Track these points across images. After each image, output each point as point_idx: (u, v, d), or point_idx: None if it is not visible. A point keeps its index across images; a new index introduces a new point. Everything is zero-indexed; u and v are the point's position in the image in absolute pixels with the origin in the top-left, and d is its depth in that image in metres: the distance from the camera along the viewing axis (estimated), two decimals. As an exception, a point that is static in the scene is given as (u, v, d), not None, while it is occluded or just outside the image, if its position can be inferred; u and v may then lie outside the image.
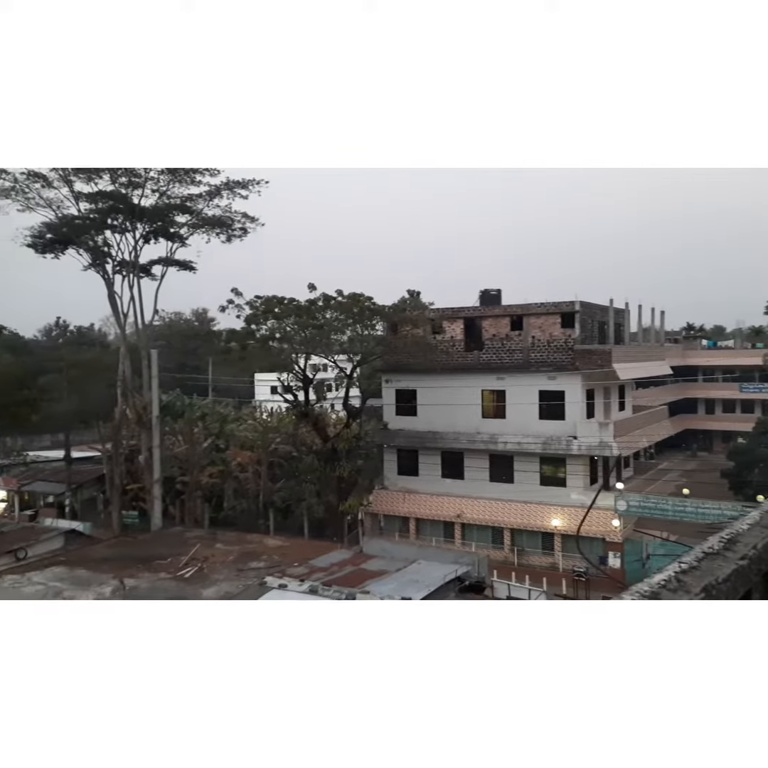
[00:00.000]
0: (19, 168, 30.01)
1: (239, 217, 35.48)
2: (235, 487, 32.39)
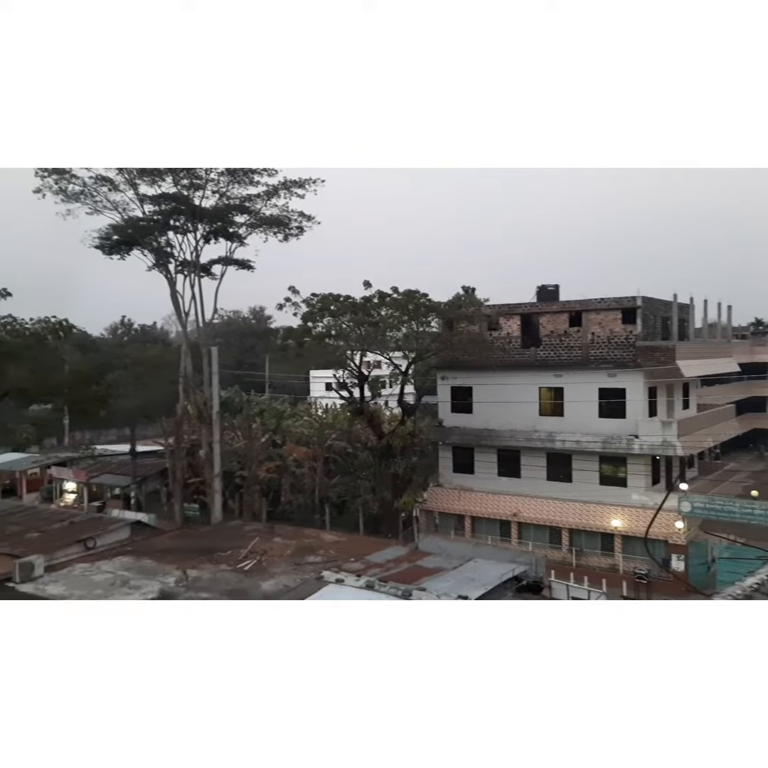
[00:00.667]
0: (82, 170, 31.22)
1: (296, 215, 35.99)
2: (291, 482, 32.91)
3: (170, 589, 16.76)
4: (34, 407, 39.38)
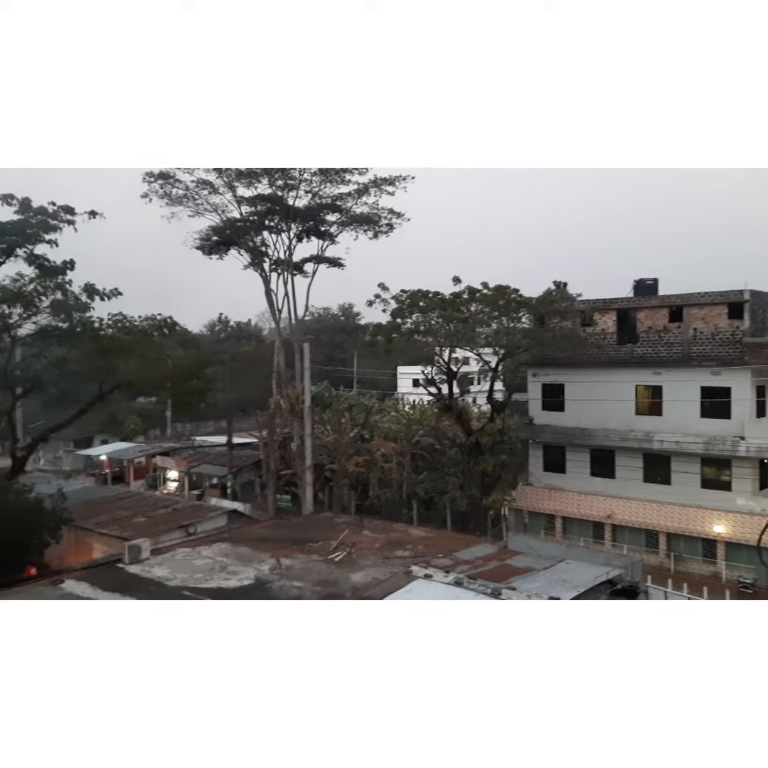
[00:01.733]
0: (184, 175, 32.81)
1: (386, 213, 36.38)
2: (379, 477, 33.30)
3: (265, 577, 17.39)
4: (141, 400, 41.86)
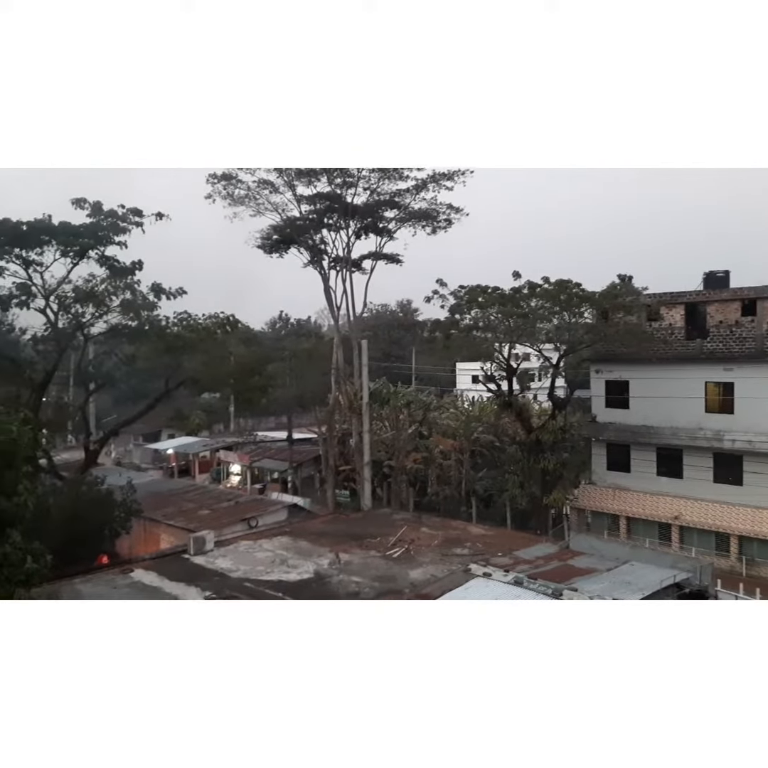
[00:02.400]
0: (250, 177, 33.46)
1: (444, 208, 36.15)
2: (438, 474, 33.19)
3: (324, 571, 17.60)
4: (205, 396, 43.11)
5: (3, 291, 22.35)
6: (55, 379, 25.48)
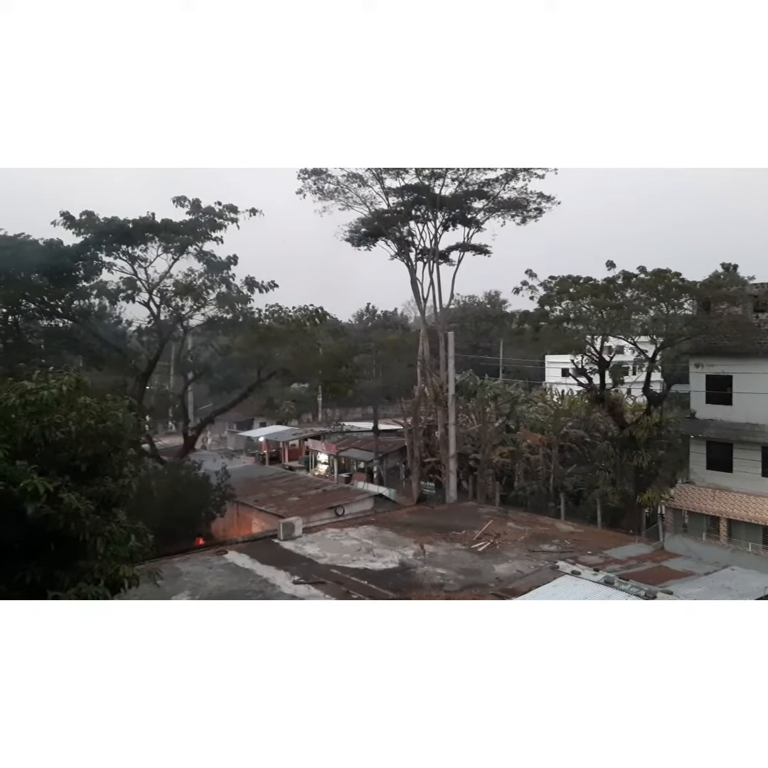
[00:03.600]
0: (339, 171, 33.94)
1: (534, 197, 35.26)
2: (525, 468, 32.60)
3: (409, 561, 17.75)
4: (295, 386, 44.29)
5: (111, 285, 23.83)
6: (156, 369, 26.96)
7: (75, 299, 24.10)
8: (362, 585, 15.58)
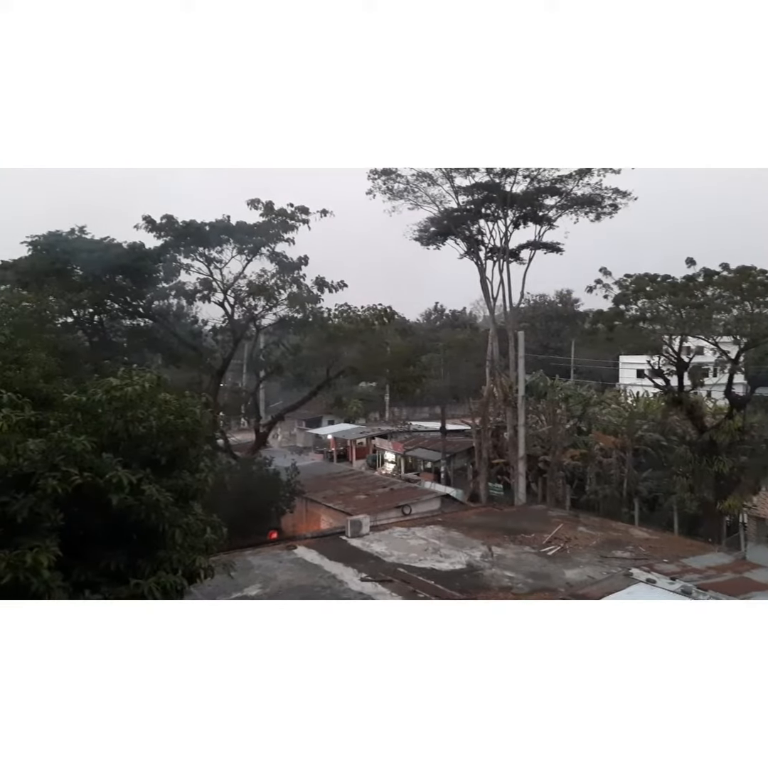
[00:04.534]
0: (410, 171, 33.98)
1: (610, 193, 34.24)
2: (597, 472, 31.71)
3: (476, 563, 17.59)
4: (362, 385, 44.65)
5: (189, 286, 24.74)
6: (230, 367, 27.79)
7: (155, 299, 25.17)
8: (429, 585, 15.55)
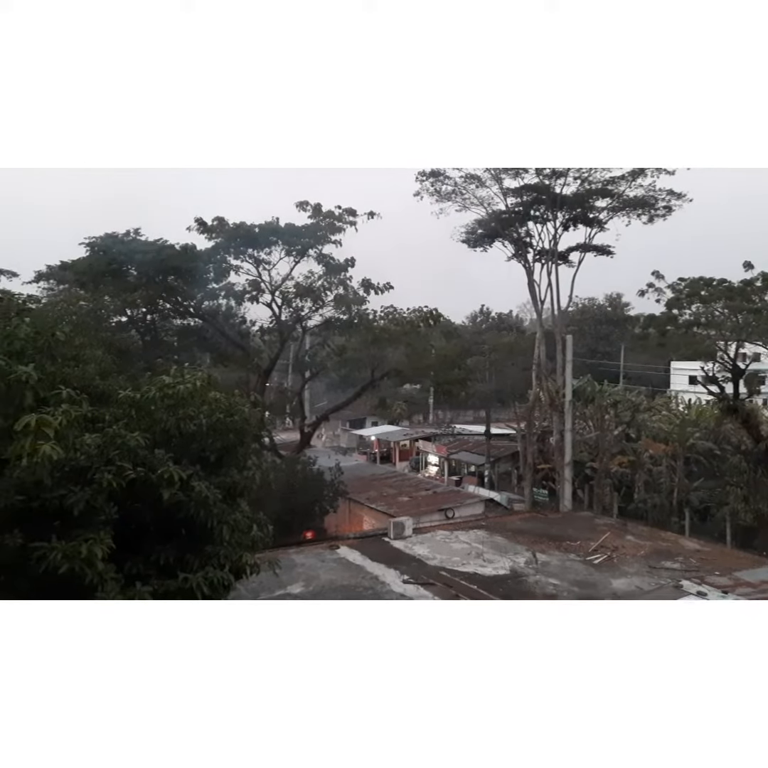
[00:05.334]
0: (457, 173, 33.81)
1: (663, 195, 33.35)
2: (646, 480, 30.94)
3: (520, 569, 17.37)
4: (407, 386, 44.61)
5: (238, 287, 25.18)
6: (276, 367, 28.15)
7: (205, 300, 25.70)
8: (472, 589, 15.43)
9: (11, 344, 6.87)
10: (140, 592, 6.73)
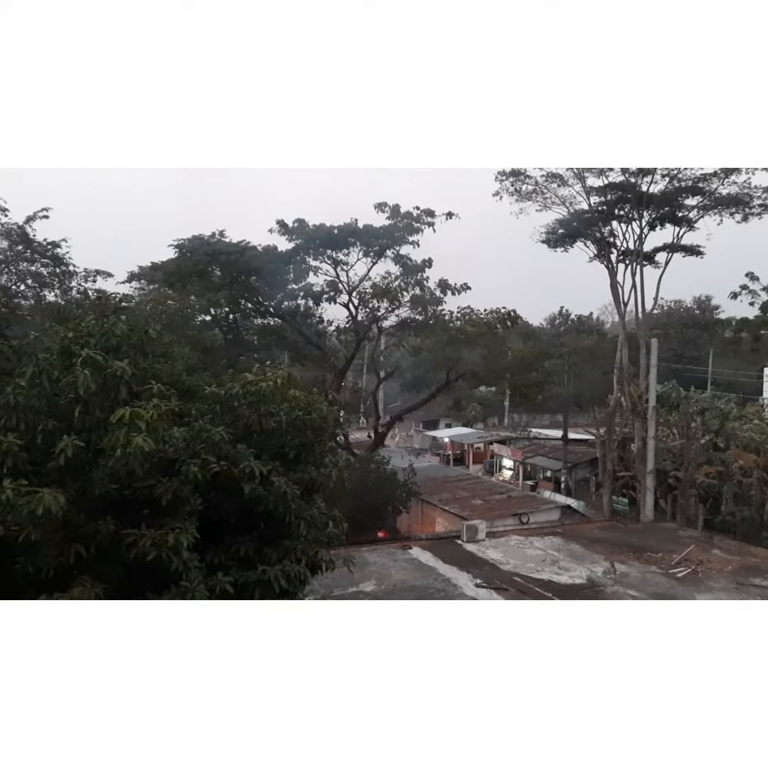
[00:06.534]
0: (538, 172, 33.16)
1: (759, 192, 31.54)
2: (735, 492, 29.34)
3: (597, 579, 16.86)
4: (482, 388, 44.15)
5: (316, 288, 25.65)
6: (352, 366, 28.48)
7: (285, 300, 26.31)
8: (547, 597, 15.09)
9: (108, 341, 7.26)
10: (221, 582, 6.96)
